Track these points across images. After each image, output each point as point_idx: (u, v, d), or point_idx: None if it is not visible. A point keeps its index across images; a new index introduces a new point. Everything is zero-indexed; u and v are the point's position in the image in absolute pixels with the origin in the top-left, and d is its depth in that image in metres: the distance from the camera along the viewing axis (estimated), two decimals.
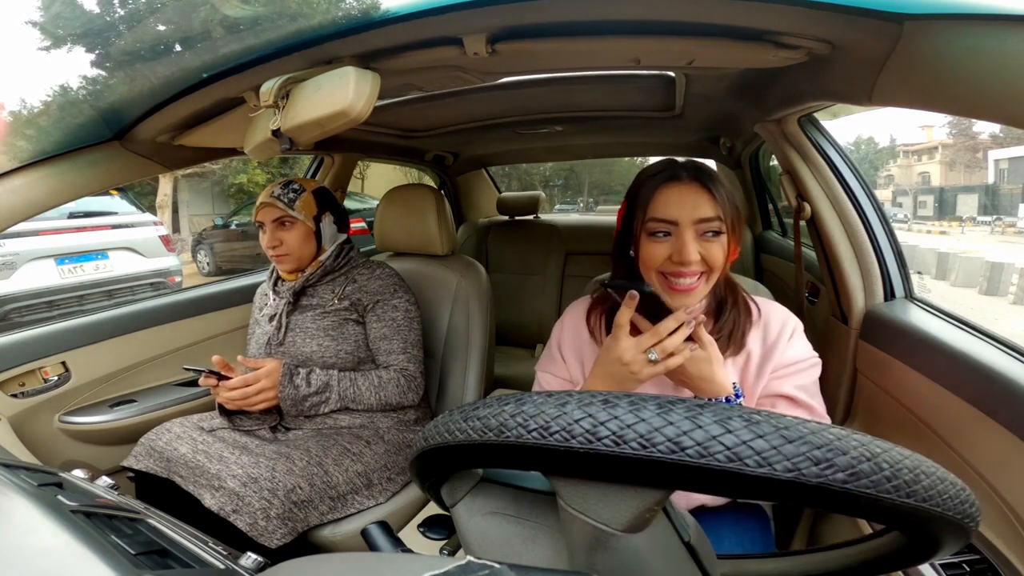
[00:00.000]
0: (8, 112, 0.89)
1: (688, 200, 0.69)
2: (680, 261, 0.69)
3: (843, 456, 0.23)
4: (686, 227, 0.69)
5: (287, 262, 1.18)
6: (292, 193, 1.16)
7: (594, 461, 0.25)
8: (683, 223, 0.69)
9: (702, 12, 0.59)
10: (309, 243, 1.19)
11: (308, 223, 1.17)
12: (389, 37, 0.68)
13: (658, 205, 0.70)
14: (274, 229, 1.16)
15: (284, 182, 1.18)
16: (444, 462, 0.34)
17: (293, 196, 1.15)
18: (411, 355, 1.18)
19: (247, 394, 1.05)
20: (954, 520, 0.27)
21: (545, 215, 2.49)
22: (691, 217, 0.69)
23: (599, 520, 0.29)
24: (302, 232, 1.17)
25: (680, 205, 0.69)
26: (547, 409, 0.27)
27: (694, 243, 0.68)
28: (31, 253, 3.96)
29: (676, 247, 0.69)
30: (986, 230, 12.58)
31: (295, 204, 1.15)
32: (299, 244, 1.17)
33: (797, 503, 0.23)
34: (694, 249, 0.68)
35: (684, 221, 0.69)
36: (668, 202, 0.70)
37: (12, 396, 1.14)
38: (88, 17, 0.73)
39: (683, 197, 0.69)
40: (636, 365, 0.64)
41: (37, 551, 0.34)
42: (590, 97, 1.37)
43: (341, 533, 1.01)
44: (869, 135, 22.47)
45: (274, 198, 1.14)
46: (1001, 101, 0.45)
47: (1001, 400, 0.64)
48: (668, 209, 0.69)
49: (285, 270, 1.20)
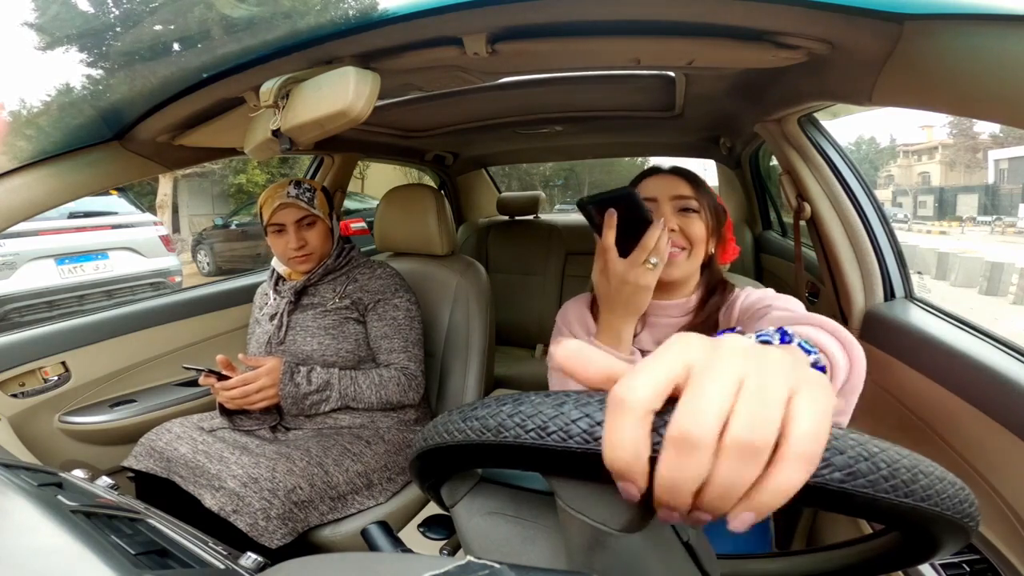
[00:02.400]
0: (8, 112, 0.89)
1: (666, 183, 0.79)
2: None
3: (840, 455, 0.23)
4: (664, 202, 0.78)
5: (309, 262, 1.18)
6: (308, 192, 1.16)
7: (592, 461, 0.25)
8: (661, 199, 0.78)
9: (702, 12, 0.59)
10: (328, 241, 1.20)
11: (326, 221, 1.19)
12: (389, 37, 0.68)
13: (642, 189, 0.80)
14: (297, 229, 1.15)
15: (294, 182, 1.17)
16: (443, 462, 0.34)
17: (311, 195, 1.16)
18: (412, 354, 1.19)
19: (247, 392, 1.05)
20: (953, 520, 0.27)
21: (545, 215, 2.49)
22: (668, 194, 0.78)
23: (597, 520, 0.29)
24: (323, 231, 1.19)
25: (658, 186, 0.79)
26: (544, 409, 0.27)
27: (672, 216, 0.77)
28: (31, 253, 3.96)
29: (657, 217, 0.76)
30: (986, 230, 12.58)
31: (314, 203, 1.16)
32: (321, 243, 1.18)
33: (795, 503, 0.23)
34: (671, 217, 0.76)
35: (662, 197, 0.78)
36: (649, 184, 0.80)
37: (12, 396, 1.14)
38: (88, 17, 0.73)
39: (661, 180, 0.80)
40: (639, 277, 0.68)
41: (37, 551, 0.34)
42: (590, 97, 1.37)
43: (341, 533, 1.01)
44: (869, 135, 22.47)
45: (294, 198, 1.14)
46: (1001, 101, 0.45)
47: (1001, 400, 0.64)
48: (648, 189, 0.79)
49: (304, 270, 1.20)
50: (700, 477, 0.22)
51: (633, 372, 0.24)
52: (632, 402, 0.23)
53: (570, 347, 0.28)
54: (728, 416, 0.22)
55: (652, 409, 0.23)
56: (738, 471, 0.22)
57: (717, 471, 0.22)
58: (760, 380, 0.23)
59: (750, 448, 0.22)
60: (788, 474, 0.22)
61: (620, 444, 0.23)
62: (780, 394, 0.23)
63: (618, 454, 0.23)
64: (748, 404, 0.22)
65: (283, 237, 1.16)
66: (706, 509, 0.23)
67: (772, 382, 0.23)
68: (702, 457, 0.22)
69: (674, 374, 0.24)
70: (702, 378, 0.23)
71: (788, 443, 0.22)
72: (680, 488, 0.22)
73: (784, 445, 0.22)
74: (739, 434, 0.22)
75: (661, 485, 0.23)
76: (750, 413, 0.22)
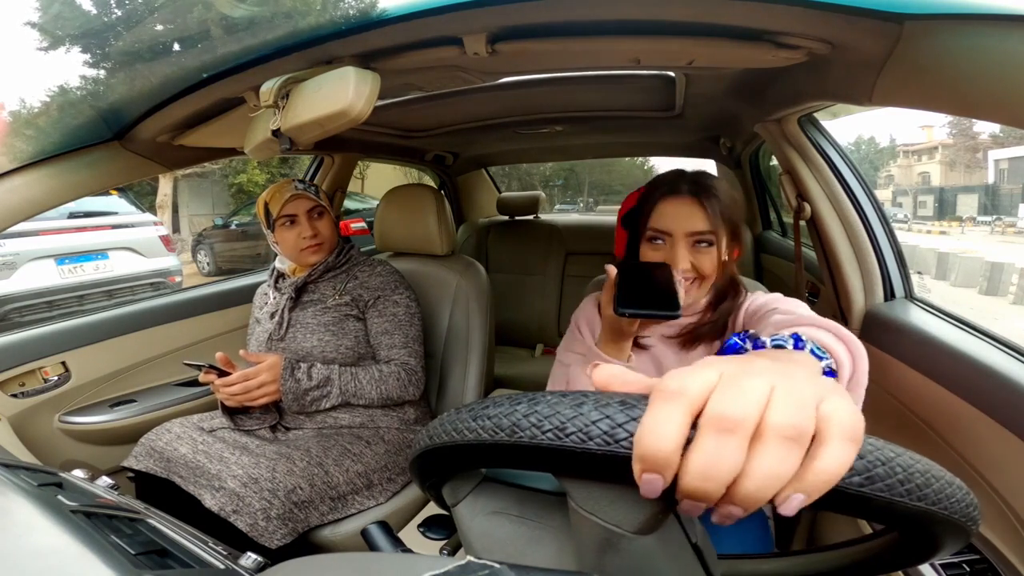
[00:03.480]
0: (8, 112, 0.89)
1: (683, 214, 0.75)
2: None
3: (859, 460, 0.24)
4: (679, 239, 0.75)
5: (321, 251, 1.21)
6: (313, 187, 1.21)
7: (612, 463, 0.25)
8: (676, 235, 0.75)
9: (702, 12, 0.59)
10: (335, 232, 1.25)
11: (331, 212, 1.23)
12: (389, 37, 0.68)
13: (656, 217, 0.77)
14: (309, 220, 1.18)
15: (297, 179, 1.22)
16: (450, 461, 0.34)
17: (315, 189, 1.21)
18: (412, 349, 1.19)
19: (248, 388, 1.05)
20: (958, 522, 0.28)
21: (545, 215, 2.49)
22: (684, 230, 0.75)
23: (611, 522, 0.29)
24: (331, 221, 1.23)
25: (675, 218, 0.76)
26: (562, 409, 0.26)
27: (686, 253, 0.75)
28: (31, 253, 3.96)
29: (669, 256, 0.76)
30: (986, 230, 12.56)
31: (320, 195, 1.21)
32: (331, 232, 1.22)
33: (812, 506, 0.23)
34: (684, 258, 0.75)
35: (677, 233, 0.75)
36: (664, 215, 0.76)
37: (12, 396, 1.14)
38: (88, 17, 0.73)
39: (678, 211, 0.76)
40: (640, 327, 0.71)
41: (37, 551, 0.34)
42: (590, 97, 1.37)
43: (341, 533, 1.01)
44: (869, 135, 22.45)
45: (303, 190, 1.18)
46: (1001, 101, 0.45)
47: (1001, 400, 0.64)
48: (664, 221, 0.76)
49: (314, 261, 1.21)
50: (734, 465, 0.22)
51: (680, 371, 0.25)
52: (681, 392, 0.23)
53: (608, 371, 0.29)
54: (766, 406, 0.23)
55: (698, 405, 0.23)
56: (780, 458, 0.22)
57: (757, 460, 0.22)
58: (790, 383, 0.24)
59: (794, 433, 0.22)
60: (837, 452, 0.22)
61: (662, 433, 0.23)
62: (811, 394, 0.24)
63: (659, 443, 0.22)
64: (785, 397, 0.23)
65: (295, 229, 1.17)
66: (739, 502, 0.22)
67: (802, 386, 0.24)
68: (739, 443, 0.22)
69: (711, 382, 0.24)
70: (738, 376, 0.24)
71: (830, 425, 0.22)
72: (713, 475, 0.22)
73: (826, 429, 0.22)
74: (780, 419, 0.22)
75: (693, 472, 0.22)
76: (788, 403, 0.23)
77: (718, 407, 0.23)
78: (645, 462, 0.23)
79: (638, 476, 0.23)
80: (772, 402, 0.23)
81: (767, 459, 0.22)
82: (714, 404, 0.23)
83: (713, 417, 0.22)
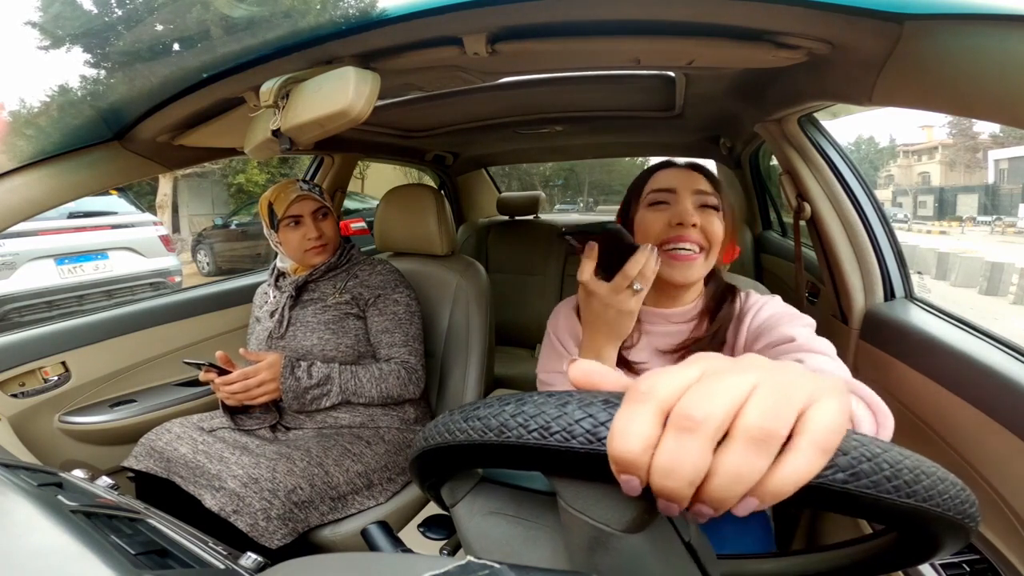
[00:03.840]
0: (8, 112, 0.89)
1: (685, 175, 0.74)
2: (681, 222, 0.70)
3: (843, 456, 0.23)
4: (684, 193, 0.72)
5: (325, 252, 1.21)
6: (317, 188, 1.22)
7: (595, 461, 0.25)
8: (681, 190, 0.72)
9: (702, 12, 0.59)
10: (338, 232, 1.25)
11: (334, 212, 1.24)
12: (389, 37, 0.68)
13: (657, 180, 0.75)
14: (314, 221, 1.18)
15: (299, 180, 1.22)
16: (444, 462, 0.34)
17: (319, 190, 1.22)
18: (412, 348, 1.19)
19: (248, 386, 1.05)
20: (954, 520, 0.27)
21: (545, 215, 2.49)
22: (689, 187, 0.73)
23: (599, 520, 0.29)
24: (334, 222, 1.23)
25: (677, 177, 0.74)
26: (548, 409, 0.27)
27: (692, 209, 0.71)
28: (31, 253, 3.96)
29: (675, 211, 0.72)
30: (986, 230, 12.57)
31: (324, 196, 1.21)
32: (335, 233, 1.23)
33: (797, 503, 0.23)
34: (692, 211, 0.71)
35: (682, 188, 0.73)
36: (666, 176, 0.75)
37: (12, 396, 1.14)
38: (88, 17, 0.73)
39: (680, 173, 0.75)
40: (622, 302, 0.63)
41: (37, 551, 0.34)
42: (590, 97, 1.37)
43: (341, 533, 1.01)
44: (869, 135, 22.44)
45: (307, 191, 1.18)
46: (1001, 101, 0.45)
47: (1001, 400, 0.64)
48: (667, 180, 0.74)
49: (318, 262, 1.21)
50: (697, 464, 0.22)
51: (655, 372, 0.24)
52: (650, 393, 0.23)
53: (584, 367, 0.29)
54: (740, 408, 0.22)
55: (668, 405, 0.23)
56: (746, 460, 0.21)
57: (720, 460, 0.22)
58: (777, 383, 0.23)
59: (761, 435, 0.21)
60: (801, 462, 0.22)
61: (630, 434, 0.23)
62: (798, 396, 0.23)
63: (626, 445, 0.22)
64: (763, 398, 0.22)
65: (300, 229, 1.17)
66: (708, 502, 0.22)
67: (790, 389, 0.23)
68: (700, 442, 0.22)
69: (688, 380, 0.24)
70: (719, 374, 0.24)
71: (803, 432, 0.22)
72: (676, 474, 0.22)
73: (799, 435, 0.22)
74: (751, 422, 0.22)
75: (656, 471, 0.22)
76: (764, 406, 0.22)
77: (683, 406, 0.22)
78: (616, 463, 0.23)
79: (616, 475, 0.24)
80: (748, 401, 0.22)
81: (731, 460, 0.22)
82: (681, 403, 0.23)
83: (676, 416, 0.22)
